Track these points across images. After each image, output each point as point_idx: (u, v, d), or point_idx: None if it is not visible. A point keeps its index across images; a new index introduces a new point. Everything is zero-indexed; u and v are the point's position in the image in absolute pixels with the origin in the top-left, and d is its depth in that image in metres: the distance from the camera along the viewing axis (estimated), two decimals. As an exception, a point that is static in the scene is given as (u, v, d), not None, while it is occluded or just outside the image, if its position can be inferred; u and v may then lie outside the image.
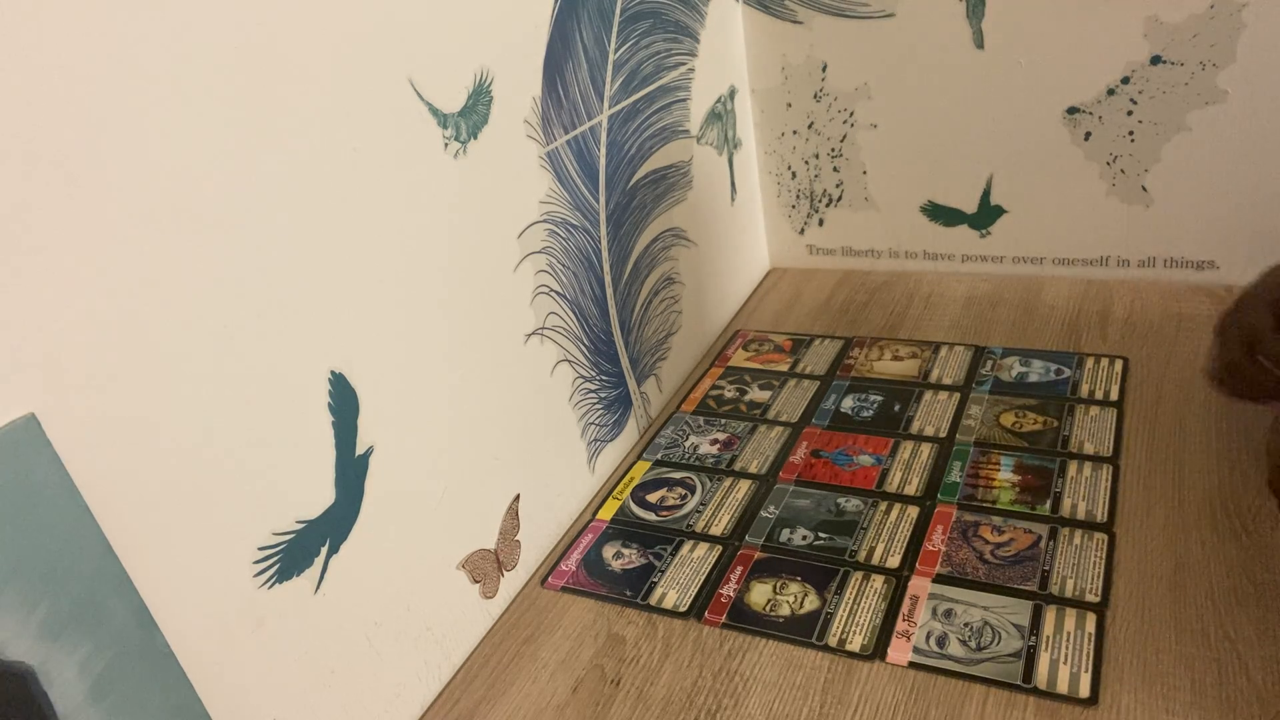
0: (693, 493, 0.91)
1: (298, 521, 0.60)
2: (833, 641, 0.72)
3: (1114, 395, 0.93)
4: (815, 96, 1.19)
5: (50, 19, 0.44)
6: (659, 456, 0.97)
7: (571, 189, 0.86)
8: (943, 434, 0.92)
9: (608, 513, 0.90)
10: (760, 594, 0.78)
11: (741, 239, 1.25)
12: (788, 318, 1.19)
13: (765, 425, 0.99)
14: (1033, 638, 0.69)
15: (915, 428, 0.94)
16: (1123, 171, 1.08)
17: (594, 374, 0.93)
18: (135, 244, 0.49)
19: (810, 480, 0.90)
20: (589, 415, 0.92)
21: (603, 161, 0.90)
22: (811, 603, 0.76)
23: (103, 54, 0.46)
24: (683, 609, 0.78)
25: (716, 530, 0.85)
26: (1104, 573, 0.73)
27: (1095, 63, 1.03)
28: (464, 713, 0.72)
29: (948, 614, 0.73)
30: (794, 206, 1.28)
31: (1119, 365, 0.97)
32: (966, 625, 0.71)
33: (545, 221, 0.83)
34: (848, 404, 1.00)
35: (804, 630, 0.74)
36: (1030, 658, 0.68)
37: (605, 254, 0.92)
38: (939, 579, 0.76)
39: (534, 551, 0.86)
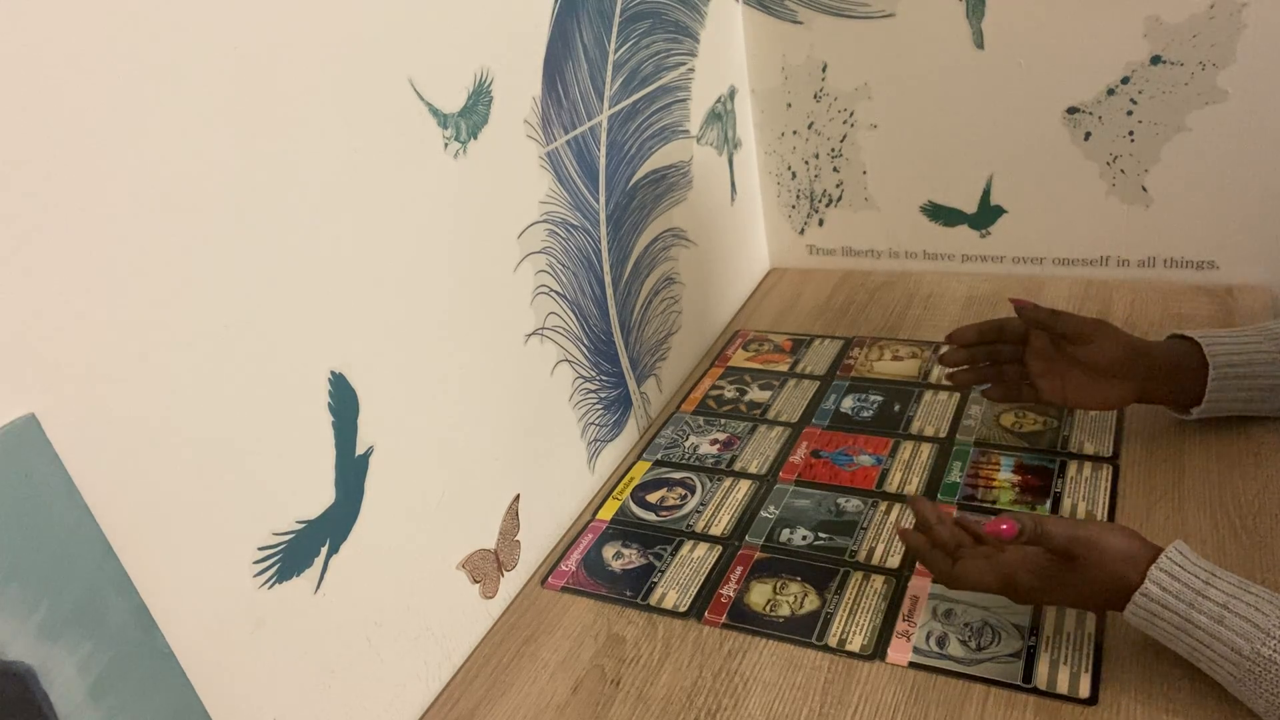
0: (693, 493, 0.91)
1: (298, 521, 0.60)
2: (833, 641, 0.72)
3: (1114, 395, 0.93)
4: (815, 96, 1.19)
5: (49, 20, 0.44)
6: (659, 456, 0.97)
7: (571, 189, 0.86)
8: (943, 434, 0.92)
9: (608, 513, 0.90)
10: (760, 594, 0.78)
11: (741, 239, 1.25)
12: (788, 318, 1.19)
13: (765, 425, 0.99)
14: (1033, 638, 0.69)
15: (915, 428, 0.94)
16: (1123, 171, 1.08)
17: (594, 374, 0.93)
18: (135, 245, 0.49)
19: (810, 480, 0.90)
20: (589, 415, 0.92)
21: (603, 161, 0.90)
22: (811, 603, 0.76)
23: (102, 55, 0.46)
24: (683, 609, 0.78)
25: (716, 530, 0.85)
26: (1104, 573, 0.73)
27: (1095, 63, 1.03)
28: (464, 713, 0.72)
29: (948, 614, 0.73)
30: (794, 206, 1.28)
31: (1119, 365, 0.97)
32: (966, 625, 0.71)
33: (545, 221, 0.83)
34: (848, 404, 1.00)
35: (804, 630, 0.74)
36: (1030, 658, 0.68)
37: (605, 254, 0.92)
38: (939, 579, 0.76)
39: (534, 551, 0.86)
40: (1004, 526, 0.64)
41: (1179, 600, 0.60)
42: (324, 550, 0.62)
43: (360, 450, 0.65)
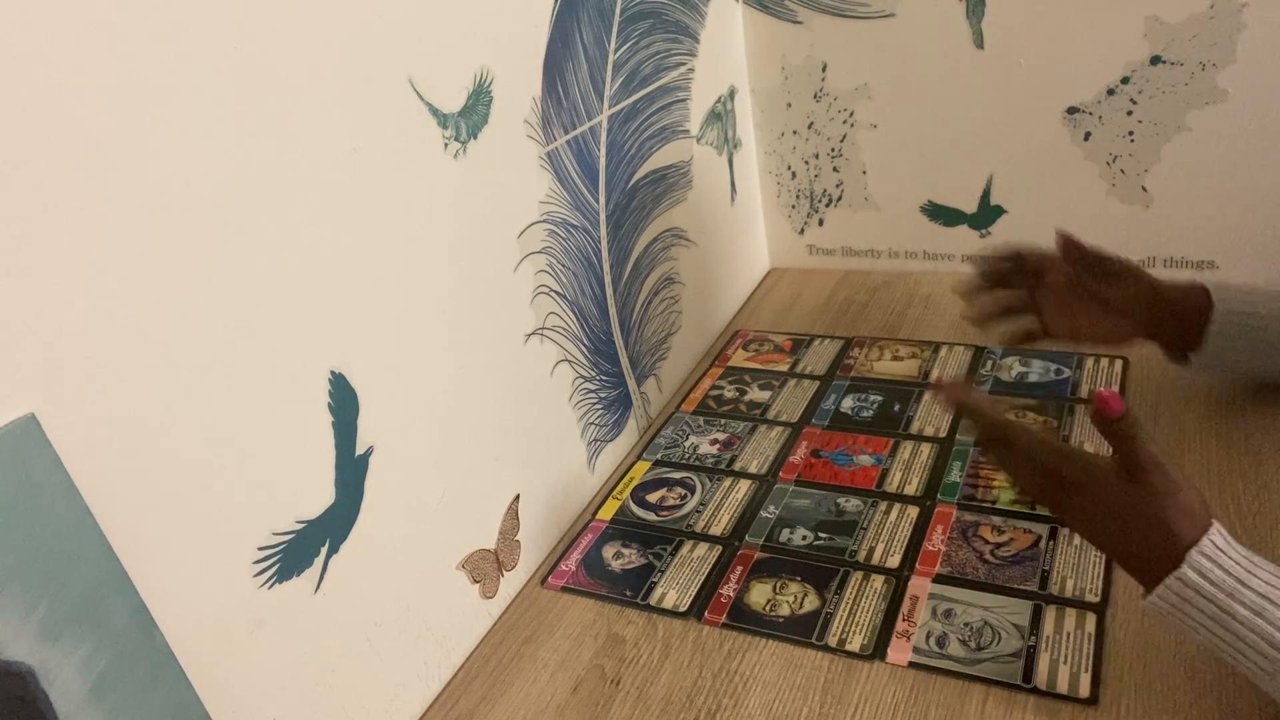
0: (693, 493, 0.91)
1: (298, 521, 0.60)
2: (833, 641, 0.72)
3: (1114, 395, 0.93)
4: (815, 96, 1.19)
5: (49, 20, 0.44)
6: (659, 456, 0.97)
7: (571, 189, 0.86)
8: (943, 434, 0.92)
9: (608, 513, 0.90)
10: (760, 594, 0.78)
11: (741, 239, 1.25)
12: (788, 318, 1.19)
13: (765, 425, 0.99)
14: (1033, 638, 0.69)
15: (915, 428, 0.94)
16: (1123, 171, 1.08)
17: (594, 374, 0.93)
18: (135, 245, 0.49)
19: (810, 480, 0.90)
20: (589, 415, 0.92)
21: (603, 161, 0.90)
22: (811, 603, 0.76)
23: (103, 55, 0.46)
24: (683, 609, 0.78)
25: (716, 530, 0.85)
26: (1104, 573, 0.73)
27: (1095, 63, 1.03)
28: (464, 713, 0.72)
29: (948, 614, 0.73)
30: (794, 206, 1.28)
31: (1119, 365, 0.97)
32: (966, 625, 0.71)
33: (545, 221, 0.83)
34: (848, 404, 1.00)
35: (804, 630, 0.74)
36: (1030, 658, 0.68)
37: (605, 254, 0.92)
38: (939, 579, 0.76)
39: (534, 551, 0.86)
40: (1115, 404, 0.58)
41: (1218, 589, 0.55)
42: (324, 550, 0.62)
43: (360, 450, 0.65)
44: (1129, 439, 0.58)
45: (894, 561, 0.78)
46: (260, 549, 0.58)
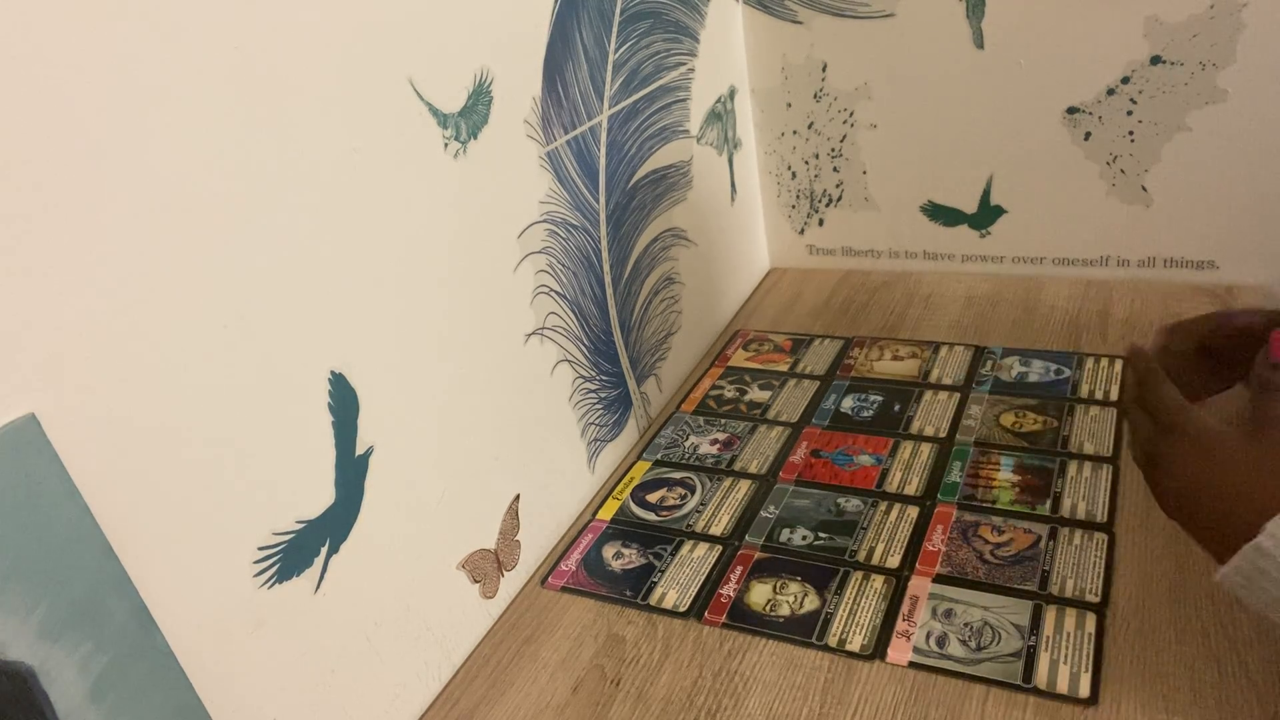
0: (693, 493, 0.91)
1: (298, 521, 0.60)
2: (833, 641, 0.72)
3: (1114, 395, 0.93)
4: (815, 96, 1.19)
5: (49, 18, 0.44)
6: (659, 456, 0.97)
7: (571, 189, 0.86)
8: (943, 434, 0.92)
9: (608, 513, 0.90)
10: (760, 594, 0.78)
11: (741, 239, 1.25)
12: (788, 318, 1.19)
13: (765, 425, 0.99)
14: (1033, 638, 0.69)
15: (915, 428, 0.94)
16: (1123, 171, 1.08)
17: (594, 374, 0.93)
18: (135, 244, 0.49)
19: (810, 480, 0.90)
20: (589, 415, 0.92)
21: (603, 161, 0.90)
22: (811, 603, 0.76)
23: (102, 54, 0.46)
24: (683, 609, 0.78)
25: (716, 530, 0.85)
26: (1104, 573, 0.73)
27: (1095, 63, 1.03)
28: (464, 713, 0.72)
29: (948, 614, 0.73)
30: (794, 206, 1.28)
31: (1119, 365, 0.97)
32: (966, 625, 0.71)
33: (545, 221, 0.83)
34: (848, 404, 1.00)
35: (804, 630, 0.74)
36: (1030, 658, 0.68)
37: (605, 254, 0.92)
38: (939, 579, 0.76)
39: (534, 551, 0.86)
40: None
41: None
42: (324, 550, 0.62)
43: (360, 450, 0.65)
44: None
45: (894, 561, 0.78)
46: (260, 549, 0.58)
